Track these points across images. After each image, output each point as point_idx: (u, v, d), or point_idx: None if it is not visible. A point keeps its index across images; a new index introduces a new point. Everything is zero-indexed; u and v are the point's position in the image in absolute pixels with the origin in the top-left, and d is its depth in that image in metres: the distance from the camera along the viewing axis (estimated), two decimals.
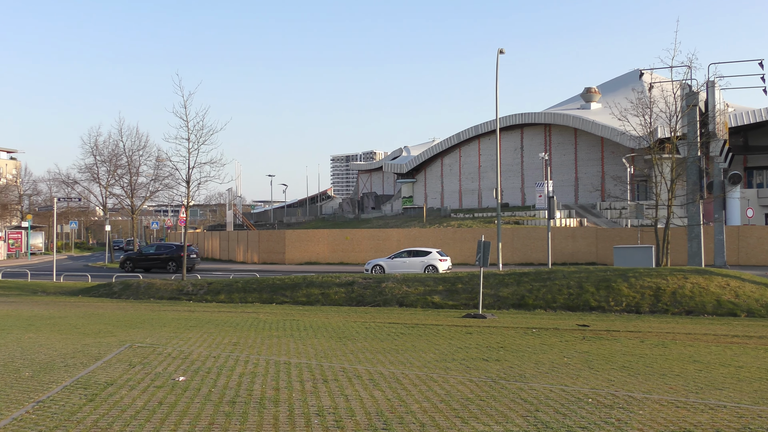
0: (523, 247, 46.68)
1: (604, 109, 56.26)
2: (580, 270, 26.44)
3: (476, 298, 23.94)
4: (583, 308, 23.27)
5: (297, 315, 22.16)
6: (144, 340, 15.01)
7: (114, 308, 25.01)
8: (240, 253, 57.61)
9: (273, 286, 28.72)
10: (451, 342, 15.24)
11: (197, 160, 32.05)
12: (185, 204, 34.30)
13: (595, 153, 65.51)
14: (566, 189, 67.18)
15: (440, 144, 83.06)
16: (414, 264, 36.67)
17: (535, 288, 24.88)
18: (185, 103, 31.75)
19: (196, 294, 29.31)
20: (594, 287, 24.17)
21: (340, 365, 11.95)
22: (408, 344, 14.83)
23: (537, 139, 71.28)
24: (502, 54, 34.84)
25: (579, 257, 45.05)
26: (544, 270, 27.26)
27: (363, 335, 16.38)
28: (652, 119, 33.14)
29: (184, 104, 31.72)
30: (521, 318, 21.27)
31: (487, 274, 26.51)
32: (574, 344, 14.99)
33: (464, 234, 48.57)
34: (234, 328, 17.73)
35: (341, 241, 51.18)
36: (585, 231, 47.22)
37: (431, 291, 25.92)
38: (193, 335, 16.10)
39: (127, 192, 59.03)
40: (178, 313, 22.99)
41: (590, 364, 12.35)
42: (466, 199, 79.46)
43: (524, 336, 16.39)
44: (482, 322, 19.91)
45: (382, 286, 26.78)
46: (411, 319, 20.75)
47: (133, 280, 32.66)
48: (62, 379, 10.65)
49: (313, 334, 16.47)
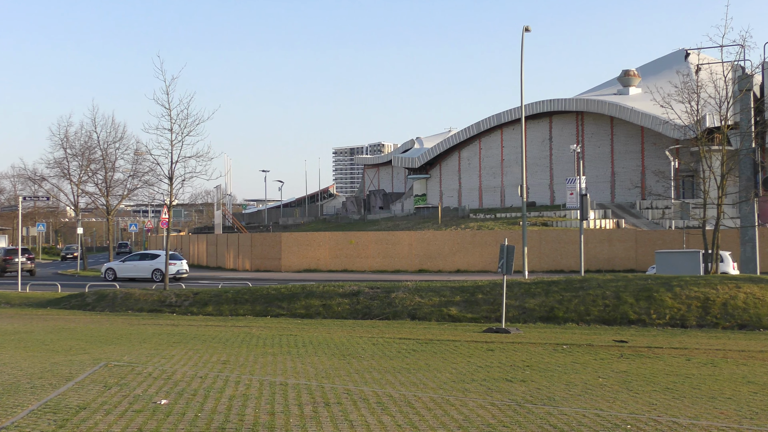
0: (552, 252, 46.59)
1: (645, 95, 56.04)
2: (617, 278, 26.37)
3: (498, 310, 23.91)
4: (621, 322, 23.21)
5: (295, 329, 22.16)
6: (121, 358, 15.05)
7: (87, 322, 25.07)
8: (230, 259, 57.71)
9: (267, 297, 28.73)
10: (470, 360, 15.22)
11: (181, 154, 32.18)
12: (167, 203, 34.39)
13: (635, 145, 65.36)
14: (601, 186, 67.04)
15: (457, 135, 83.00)
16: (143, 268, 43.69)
17: (566, 299, 24.82)
18: (167, 89, 31.90)
19: (181, 305, 29.36)
20: (633, 298, 24.11)
21: (344, 386, 11.95)
22: (421, 363, 14.82)
23: (568, 129, 71.14)
24: (528, 32, 34.83)
25: (616, 263, 44.94)
26: (576, 278, 27.20)
27: (370, 352, 16.38)
28: (700, 106, 33.03)
29: (166, 90, 31.88)
30: (550, 333, 21.23)
31: (511, 283, 26.47)
32: (610, 363, 14.94)
33: (485, 237, 48.51)
34: (223, 345, 17.75)
35: (345, 245, 51.21)
36: (622, 234, 47.09)
37: (447, 302, 25.90)
38: (176, 352, 16.13)
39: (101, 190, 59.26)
40: (159, 327, 23.02)
41: (629, 385, 12.31)
42: (486, 197, 79.38)
43: (553, 353, 16.35)
44: (505, 337, 19.88)
45: (391, 296, 26.79)
46: (424, 334, 20.73)
47: (109, 290, 32.75)
48: (28, 402, 10.68)
49: (313, 351, 16.47)
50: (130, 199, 66.08)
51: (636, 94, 70.45)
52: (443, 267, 48.49)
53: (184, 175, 32.93)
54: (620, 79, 74.38)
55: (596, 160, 68.08)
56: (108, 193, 58.97)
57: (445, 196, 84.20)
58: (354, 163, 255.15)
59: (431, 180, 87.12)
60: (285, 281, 39.69)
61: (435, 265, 48.68)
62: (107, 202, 59.24)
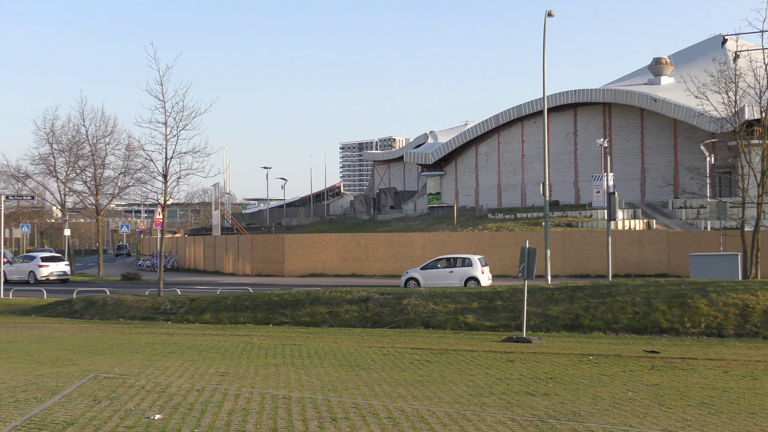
0: (577, 255, 46.51)
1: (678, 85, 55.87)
2: (647, 283, 26.30)
3: (519, 317, 23.88)
4: (652, 330, 23.15)
5: (299, 338, 22.20)
6: (112, 370, 15.10)
7: (75, 330, 25.17)
8: (229, 262, 57.83)
9: (270, 304, 28.78)
10: (488, 372, 15.21)
11: (176, 149, 32.21)
12: (162, 203, 34.48)
13: (667, 139, 65.17)
14: (630, 183, 66.86)
15: (474, 128, 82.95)
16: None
17: (592, 305, 24.78)
18: (161, 80, 31.92)
19: (176, 313, 29.44)
20: (665, 304, 24.04)
21: (352, 400, 11.96)
22: (435, 375, 14.82)
23: (594, 122, 71.00)
24: (551, 17, 34.76)
25: (646, 267, 44.82)
26: (604, 283, 27.14)
27: (380, 363, 16.39)
28: (738, 96, 32.91)
29: (160, 80, 31.89)
30: (575, 342, 21.20)
31: (533, 289, 26.43)
32: (640, 375, 14.91)
33: (504, 239, 48.47)
34: (222, 355, 17.79)
35: (353, 247, 51.26)
36: (654, 235, 46.95)
37: (464, 309, 25.90)
38: (171, 363, 16.17)
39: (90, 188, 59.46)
40: (153, 336, 23.08)
41: (661, 399, 12.28)
42: (506, 195, 79.30)
43: (579, 365, 16.33)
44: (527, 347, 19.86)
45: (403, 303, 26.79)
46: (439, 343, 20.74)
47: (99, 297, 32.87)
48: (11, 417, 10.72)
49: (318, 362, 16.49)
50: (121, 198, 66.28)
51: (668, 84, 70.20)
52: None
53: (180, 173, 32.96)
54: (651, 67, 74.14)
55: (625, 155, 67.88)
56: (97, 191, 59.16)
57: (461, 195, 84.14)
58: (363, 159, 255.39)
59: (446, 177, 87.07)
60: (288, 286, 39.75)
61: None
62: (96, 202, 59.44)
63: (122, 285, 47.35)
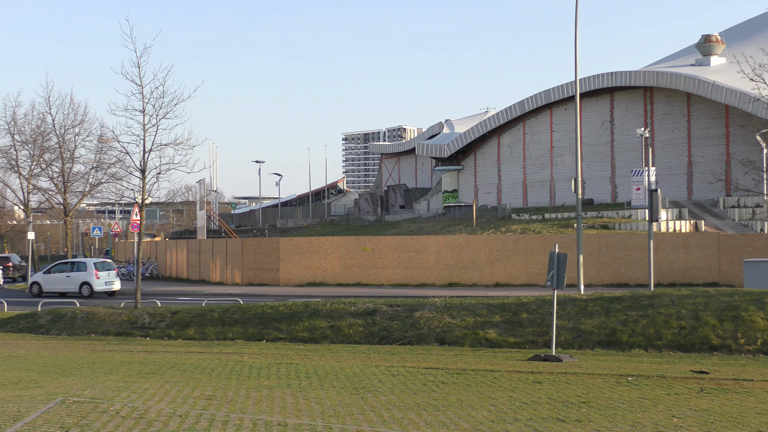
0: (614, 261, 46.45)
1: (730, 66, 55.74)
2: (695, 293, 26.24)
3: (547, 332, 23.85)
4: (700, 348, 23.09)
5: (296, 357, 22.20)
6: (82, 393, 15.11)
7: (40, 348, 25.20)
8: (216, 270, 57.92)
9: (262, 317, 28.81)
10: (512, 395, 15.19)
11: (156, 140, 32.29)
12: (139, 202, 34.54)
13: (717, 128, 65.05)
14: (675, 179, 66.79)
15: (496, 116, 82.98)
16: None
17: (632, 319, 24.74)
18: (138, 61, 31.99)
19: (155, 328, 29.49)
20: (716, 318, 23.98)
21: (357, 427, 11.96)
22: (452, 398, 14.80)
23: (633, 109, 70.94)
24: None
25: (693, 275, 44.74)
26: (645, 293, 27.09)
27: (388, 385, 16.38)
28: None
29: (137, 62, 31.98)
30: (612, 361, 21.16)
31: (563, 300, 26.39)
32: (687, 399, 14.87)
33: (530, 242, 48.45)
34: (208, 376, 17.80)
35: (358, 253, 51.28)
36: (702, 238, 46.86)
37: (484, 323, 25.88)
38: (150, 385, 16.18)
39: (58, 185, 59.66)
40: (129, 354, 23.11)
41: (711, 427, 12.24)
42: (532, 193, 79.31)
43: (616, 387, 16.30)
44: (556, 366, 19.83)
45: (415, 316, 26.79)
46: (456, 362, 20.72)
47: (67, 309, 32.94)
48: None
49: (318, 384, 16.49)
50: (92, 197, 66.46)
51: (719, 65, 70.10)
52: (479, 280, 48.47)
53: (160, 167, 33.02)
54: (699, 46, 74.03)
55: (669, 147, 67.80)
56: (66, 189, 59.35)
57: (480, 192, 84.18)
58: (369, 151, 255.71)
59: (464, 172, 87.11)
60: (284, 297, 39.78)
61: (469, 278, 48.67)
62: (65, 201, 59.62)
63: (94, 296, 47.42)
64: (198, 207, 79.44)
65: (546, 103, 77.23)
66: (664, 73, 67.37)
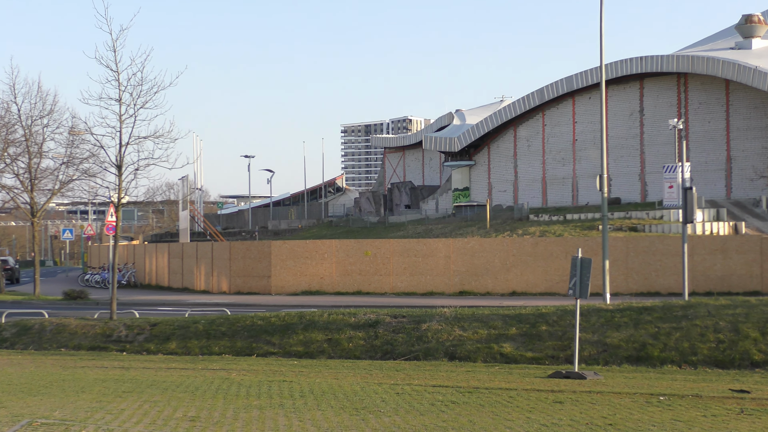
0: (644, 268, 46.37)
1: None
2: (735, 303, 26.23)
3: (569, 347, 23.84)
4: (741, 364, 23.08)
5: (289, 373, 22.22)
6: (51, 414, 15.13)
7: (4, 364, 25.22)
8: (200, 277, 57.92)
9: (252, 329, 28.81)
10: (530, 416, 15.21)
11: (134, 133, 32.32)
12: (115, 201, 34.57)
13: (759, 119, 64.99)
14: (712, 176, 66.74)
15: (513, 106, 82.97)
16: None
17: (664, 331, 24.73)
18: (114, 45, 32.03)
19: (133, 341, 29.50)
20: (758, 331, 23.97)
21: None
22: (463, 420, 14.82)
23: (665, 98, 70.90)
24: None
25: (733, 283, 44.66)
26: (678, 303, 27.08)
27: (392, 405, 16.40)
28: None
29: (112, 46, 32.02)
30: (641, 378, 21.16)
31: (587, 310, 26.38)
32: (726, 421, 14.88)
33: (550, 247, 48.40)
34: (191, 395, 17.82)
35: (359, 257, 51.26)
36: (743, 242, 46.79)
37: (499, 336, 25.89)
38: (127, 405, 16.21)
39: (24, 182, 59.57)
40: (104, 370, 23.13)
41: None
42: (553, 191, 79.31)
43: (646, 407, 16.31)
44: (579, 384, 19.84)
45: (422, 328, 26.80)
46: (467, 379, 20.73)
47: (35, 321, 32.94)
48: None
49: (314, 404, 16.51)
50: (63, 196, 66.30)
51: (762, 48, 70.04)
52: (493, 288, 48.39)
53: (138, 162, 33.03)
54: (739, 28, 73.95)
55: (705, 140, 67.76)
56: (33, 186, 59.24)
57: (495, 191, 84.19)
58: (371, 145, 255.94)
59: (476, 168, 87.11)
60: (276, 307, 39.77)
61: (482, 286, 48.60)
62: (32, 200, 59.50)
63: (65, 306, 47.41)
64: (180, 207, 79.47)
65: (568, 91, 77.17)
66: (699, 58, 67.24)
